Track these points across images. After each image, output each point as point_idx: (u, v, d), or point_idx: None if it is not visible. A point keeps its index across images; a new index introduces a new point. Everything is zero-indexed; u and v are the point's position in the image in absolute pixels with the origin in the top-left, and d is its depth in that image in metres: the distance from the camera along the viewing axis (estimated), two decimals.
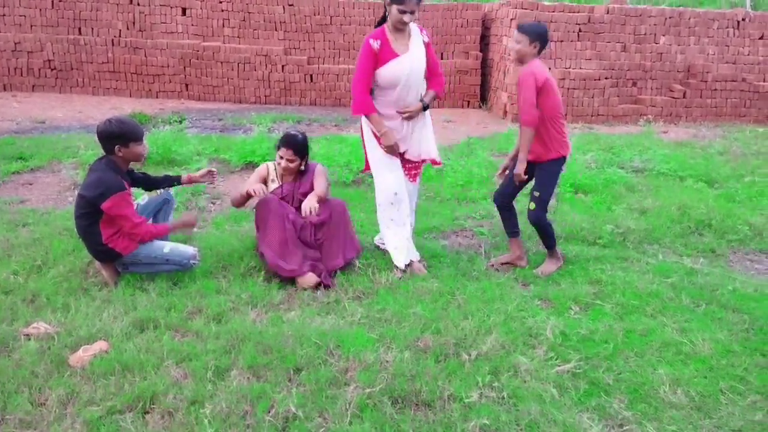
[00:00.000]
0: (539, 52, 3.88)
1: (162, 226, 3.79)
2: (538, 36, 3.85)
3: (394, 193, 3.97)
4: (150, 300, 3.45)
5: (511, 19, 10.59)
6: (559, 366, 2.98)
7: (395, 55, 3.81)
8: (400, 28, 3.82)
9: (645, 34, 10.85)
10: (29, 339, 3.02)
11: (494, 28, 11.63)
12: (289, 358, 2.92)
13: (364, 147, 4.10)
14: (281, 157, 4.02)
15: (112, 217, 3.50)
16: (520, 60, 3.92)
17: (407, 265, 4.00)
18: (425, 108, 3.96)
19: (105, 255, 3.62)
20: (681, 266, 4.28)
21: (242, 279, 3.80)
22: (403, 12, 3.71)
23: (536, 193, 4.00)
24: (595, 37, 10.65)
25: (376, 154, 4.00)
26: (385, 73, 3.82)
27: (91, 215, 3.52)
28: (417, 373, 2.84)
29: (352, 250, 4.02)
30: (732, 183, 6.33)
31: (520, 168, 3.90)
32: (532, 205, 4.01)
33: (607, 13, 10.67)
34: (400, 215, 4.01)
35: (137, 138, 3.59)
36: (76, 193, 3.79)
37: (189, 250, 3.76)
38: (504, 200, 4.21)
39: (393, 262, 4.01)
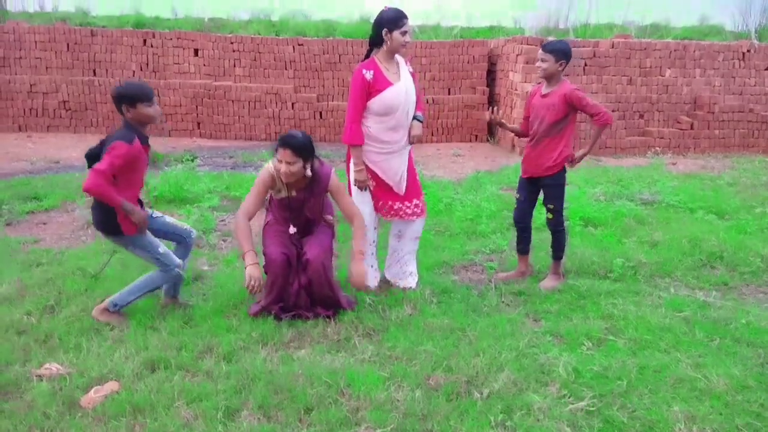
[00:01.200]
0: (564, 68, 4.16)
1: (117, 197, 3.44)
2: (564, 54, 4.12)
3: (374, 226, 4.24)
4: (161, 339, 3.46)
5: (517, 55, 10.74)
6: (573, 404, 2.94)
7: (389, 84, 3.94)
8: (403, 53, 3.99)
9: (650, 67, 10.95)
10: (41, 380, 3.04)
11: (500, 63, 11.78)
12: (299, 398, 2.91)
13: (348, 173, 4.20)
14: (279, 161, 3.56)
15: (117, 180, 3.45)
16: (548, 78, 4.19)
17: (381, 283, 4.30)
18: (420, 121, 4.12)
19: (109, 228, 3.58)
20: (693, 300, 4.24)
21: (252, 317, 3.80)
22: (405, 33, 3.90)
23: (551, 206, 4.34)
24: (601, 70, 10.76)
25: (354, 187, 4.16)
26: (383, 100, 3.92)
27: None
28: (428, 413, 2.82)
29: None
30: (743, 214, 6.31)
31: (579, 161, 4.34)
32: (550, 216, 4.36)
33: (612, 47, 10.80)
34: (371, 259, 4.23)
35: (144, 99, 3.52)
36: None
37: (177, 259, 3.78)
38: (526, 219, 4.51)
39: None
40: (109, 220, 3.55)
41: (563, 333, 3.70)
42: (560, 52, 4.12)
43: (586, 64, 10.75)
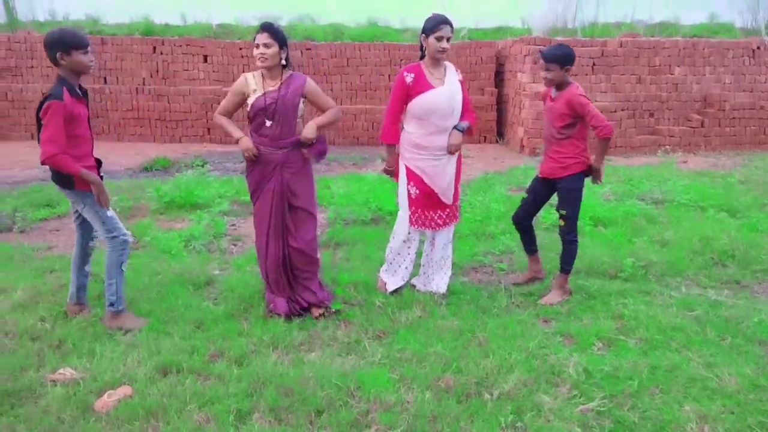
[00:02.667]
0: (569, 72, 4.10)
1: (75, 165, 3.40)
2: (568, 59, 4.05)
3: (408, 232, 4.19)
4: (173, 343, 3.49)
5: (525, 56, 10.73)
6: (583, 404, 2.94)
7: (431, 87, 3.96)
8: (440, 57, 3.97)
9: (659, 65, 10.91)
10: (56, 385, 3.07)
11: (508, 64, 11.78)
12: (310, 401, 2.92)
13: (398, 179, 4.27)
14: (257, 46, 3.66)
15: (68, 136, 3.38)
16: (557, 86, 4.14)
17: (395, 291, 4.27)
18: (460, 130, 4.07)
19: (63, 181, 3.52)
20: (705, 299, 4.22)
21: (263, 320, 3.83)
22: (440, 39, 3.89)
23: (563, 212, 4.17)
24: (610, 70, 10.73)
25: (404, 192, 4.17)
26: (421, 103, 3.95)
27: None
28: (438, 414, 2.83)
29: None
30: (754, 212, 6.26)
31: (600, 175, 4.19)
32: (562, 223, 4.20)
33: (620, 46, 10.77)
34: (402, 257, 4.28)
35: (79, 45, 3.43)
36: None
37: (123, 228, 3.72)
38: (524, 221, 4.42)
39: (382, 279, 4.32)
40: (63, 174, 3.47)
41: (573, 333, 3.70)
42: (563, 58, 4.02)
43: (594, 64, 10.73)
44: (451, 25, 3.93)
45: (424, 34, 3.96)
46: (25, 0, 14.36)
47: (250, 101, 3.82)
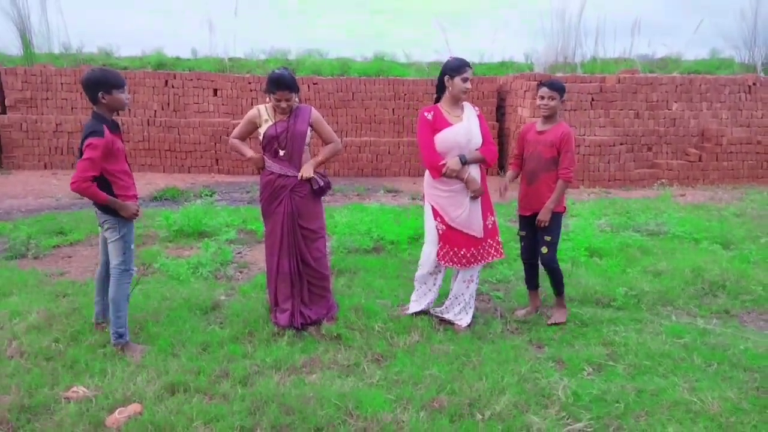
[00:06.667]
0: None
1: (101, 194, 3.66)
2: (565, 91, 4.36)
3: (435, 266, 4.38)
4: (180, 364, 3.66)
5: (525, 91, 11.03)
6: (571, 425, 3.08)
7: (449, 124, 4.17)
8: (463, 98, 4.20)
9: (657, 101, 11.17)
10: (69, 402, 3.23)
11: (509, 99, 12.08)
12: (310, 419, 3.07)
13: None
14: (278, 101, 4.04)
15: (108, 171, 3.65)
16: (551, 116, 4.36)
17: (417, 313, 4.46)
18: (463, 163, 4.12)
19: (107, 208, 3.75)
20: (694, 327, 4.36)
21: (266, 344, 3.99)
22: (466, 80, 4.12)
23: (547, 238, 4.36)
24: (608, 105, 10.99)
25: (431, 228, 4.33)
26: (442, 139, 4.14)
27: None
28: None
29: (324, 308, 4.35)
30: (747, 244, 6.41)
31: (546, 216, 4.28)
32: (545, 249, 4.37)
33: (619, 82, 11.05)
34: (428, 286, 4.47)
35: (119, 85, 3.68)
36: None
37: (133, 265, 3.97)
38: (534, 255, 4.56)
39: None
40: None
41: (565, 359, 3.84)
42: (563, 89, 4.33)
43: (593, 99, 11.00)
44: (471, 66, 4.19)
45: (448, 75, 4.14)
46: (41, 33, 14.81)
47: (261, 130, 4.19)
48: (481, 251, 4.31)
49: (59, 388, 3.38)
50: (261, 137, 4.20)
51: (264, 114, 4.19)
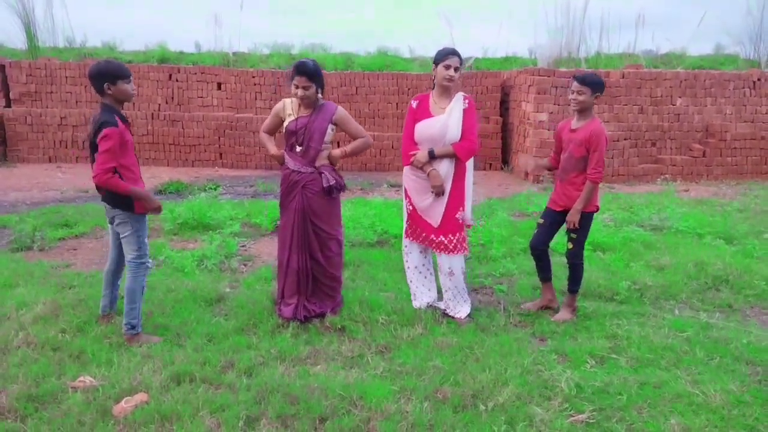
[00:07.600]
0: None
1: (125, 185, 3.68)
2: (600, 86, 4.19)
3: (405, 245, 4.54)
4: (186, 355, 3.69)
5: (529, 86, 11.02)
6: (573, 416, 3.10)
7: (429, 116, 4.20)
8: (447, 85, 4.16)
9: (661, 96, 11.14)
10: (76, 391, 3.26)
11: (513, 93, 12.06)
12: (315, 409, 3.10)
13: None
14: (296, 87, 4.05)
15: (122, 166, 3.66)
16: (582, 111, 4.23)
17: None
18: (431, 157, 4.13)
19: (122, 202, 3.75)
20: (696, 321, 4.37)
21: (271, 335, 4.02)
22: (448, 67, 4.10)
23: (574, 235, 4.31)
24: (612, 100, 10.97)
25: (403, 207, 4.49)
26: (419, 128, 4.22)
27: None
28: (435, 423, 3.00)
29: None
30: (750, 239, 6.42)
31: (576, 218, 4.20)
32: (570, 245, 4.35)
33: (623, 77, 11.03)
34: (415, 284, 4.56)
35: (124, 75, 3.70)
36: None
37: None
38: (542, 246, 4.49)
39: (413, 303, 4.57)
40: (123, 196, 3.72)
41: (568, 351, 3.86)
42: (597, 84, 4.14)
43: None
44: (459, 56, 4.16)
45: (434, 64, 4.20)
46: (45, 27, 14.79)
47: (285, 124, 4.25)
48: (434, 240, 4.30)
49: (66, 378, 3.42)
50: (284, 131, 4.27)
51: (288, 108, 4.23)
